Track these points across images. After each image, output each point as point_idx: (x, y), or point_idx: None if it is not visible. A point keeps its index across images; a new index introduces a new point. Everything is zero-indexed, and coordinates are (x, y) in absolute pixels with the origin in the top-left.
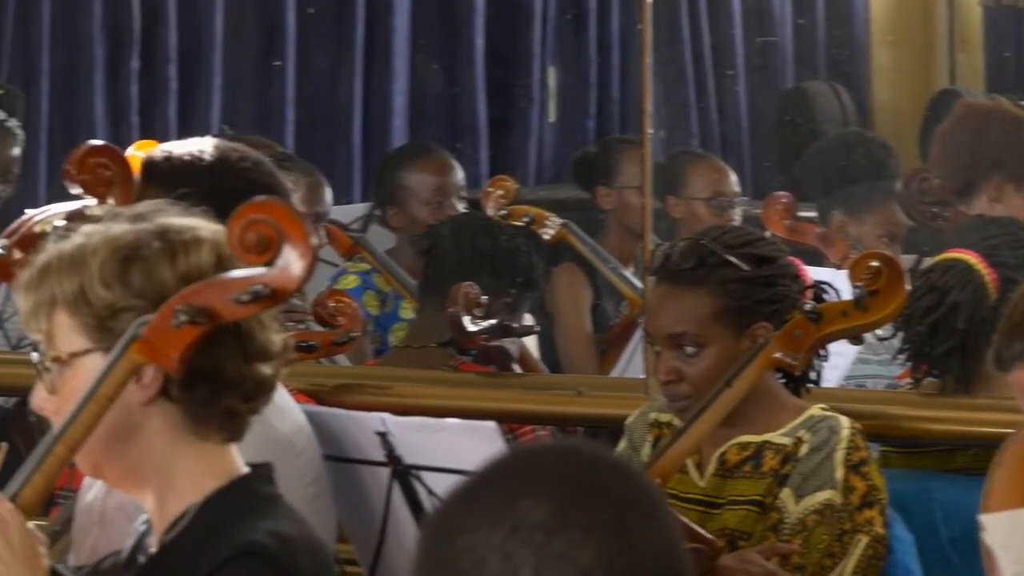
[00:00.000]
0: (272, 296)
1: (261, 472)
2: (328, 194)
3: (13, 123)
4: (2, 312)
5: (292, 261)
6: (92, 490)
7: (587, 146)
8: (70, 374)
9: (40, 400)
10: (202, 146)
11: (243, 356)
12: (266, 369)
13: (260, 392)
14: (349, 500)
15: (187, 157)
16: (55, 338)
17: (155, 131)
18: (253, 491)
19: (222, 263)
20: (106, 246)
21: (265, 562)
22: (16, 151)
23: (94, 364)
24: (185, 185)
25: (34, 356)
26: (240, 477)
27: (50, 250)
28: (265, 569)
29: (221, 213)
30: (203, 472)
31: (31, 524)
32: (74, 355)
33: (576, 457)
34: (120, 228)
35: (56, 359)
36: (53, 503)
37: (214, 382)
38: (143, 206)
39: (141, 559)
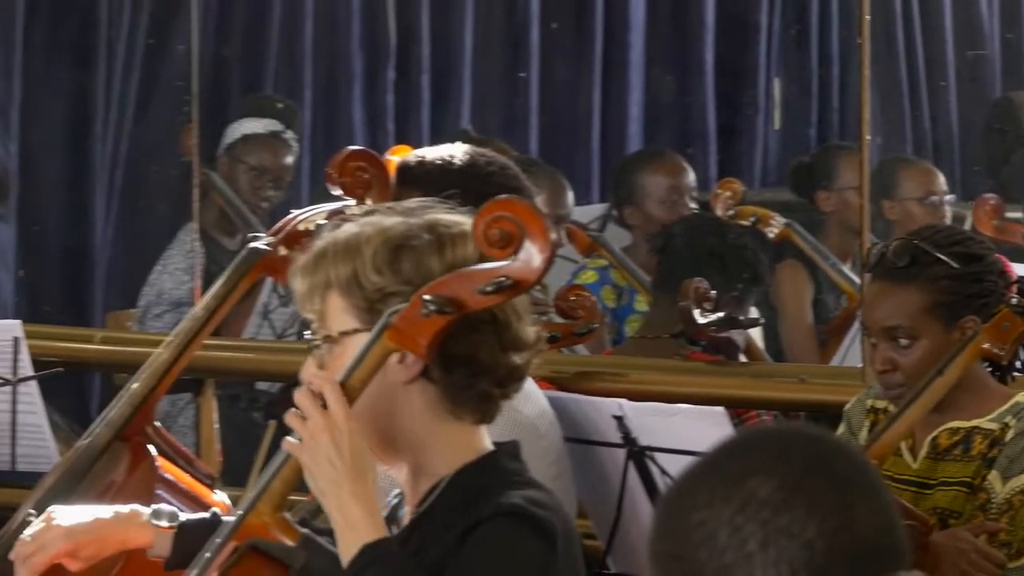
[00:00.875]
0: (514, 287)
1: (508, 449)
2: (569, 196)
3: (289, 135)
4: (267, 304)
5: (533, 255)
6: None
7: (808, 152)
8: (339, 351)
9: (311, 375)
10: (452, 151)
11: (499, 345)
12: (519, 358)
13: (512, 379)
14: (588, 479)
15: (438, 161)
16: (327, 318)
17: (409, 138)
18: (502, 466)
19: (485, 261)
20: (379, 235)
21: (525, 521)
22: (289, 160)
23: (361, 343)
24: (437, 187)
25: (306, 334)
26: (489, 453)
27: (326, 237)
28: (525, 527)
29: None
30: (455, 448)
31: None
32: (344, 334)
33: (800, 439)
34: (392, 220)
35: (327, 337)
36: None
37: (471, 367)
38: (413, 202)
39: (394, 530)
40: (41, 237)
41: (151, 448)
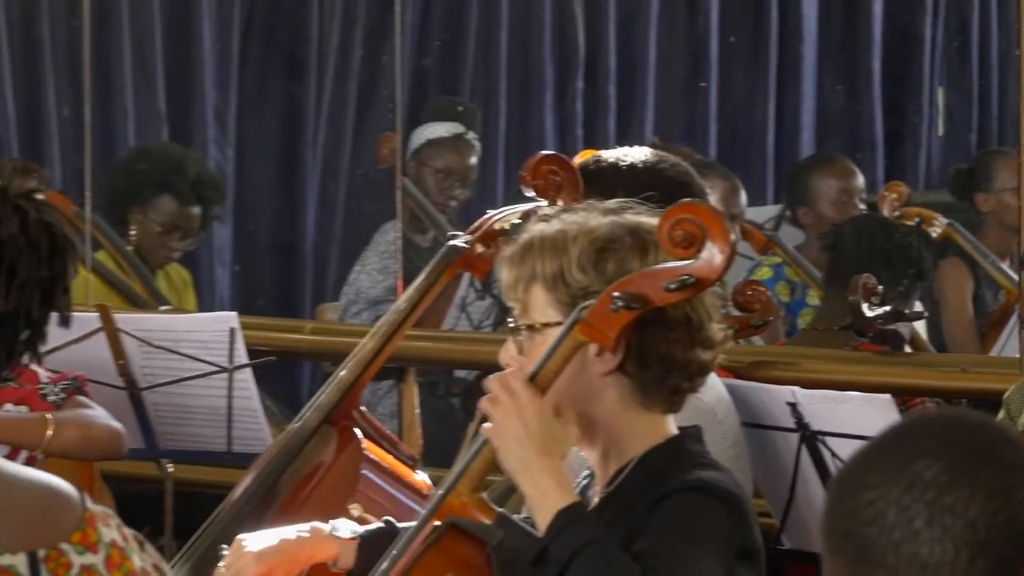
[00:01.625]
0: (696, 285)
1: (692, 433)
2: (743, 197)
3: (471, 136)
4: (465, 297)
5: (714, 254)
6: None
7: (969, 156)
8: (539, 340)
9: (509, 357)
10: (633, 154)
11: (690, 343)
12: (707, 355)
13: (700, 374)
14: (763, 461)
15: (621, 164)
16: (530, 308)
17: (596, 143)
18: (686, 448)
19: (669, 260)
20: (585, 236)
21: (712, 495)
22: (473, 160)
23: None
24: (618, 189)
25: (509, 321)
26: (675, 436)
27: (533, 231)
28: (712, 500)
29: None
30: (644, 434)
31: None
32: (546, 325)
33: (963, 425)
34: (596, 221)
35: (529, 326)
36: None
37: (665, 364)
38: (614, 203)
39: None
40: (255, 236)
41: (357, 431)
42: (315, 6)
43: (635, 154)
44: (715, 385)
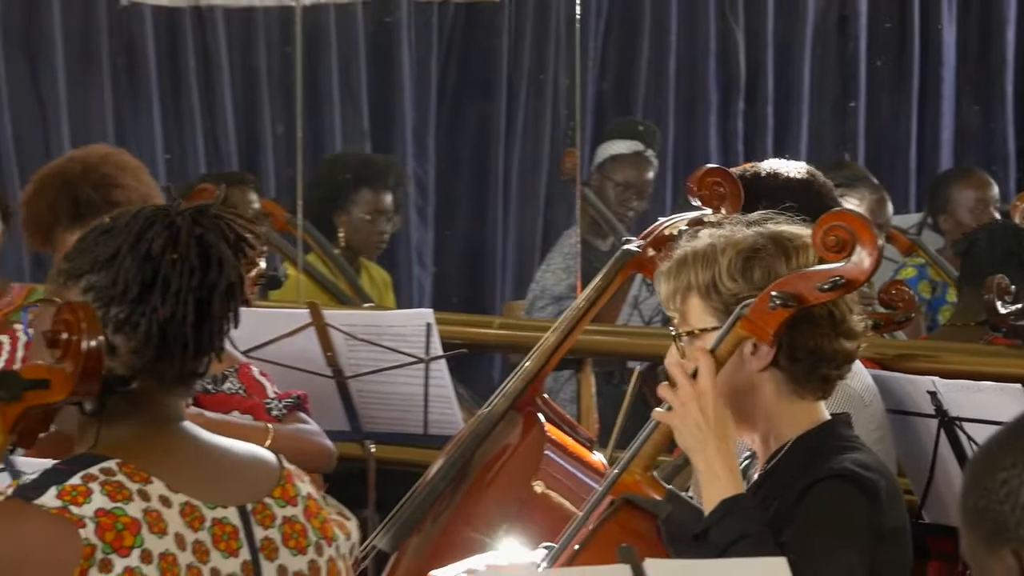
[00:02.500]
0: (847, 285)
1: (842, 418)
2: (890, 207)
3: (650, 153)
4: (637, 296)
5: (863, 258)
6: None
7: None
8: (698, 344)
9: (673, 360)
10: (788, 167)
11: (835, 335)
12: (851, 345)
13: (846, 362)
14: (905, 444)
15: (777, 177)
16: (688, 316)
17: (756, 158)
18: (836, 433)
19: (822, 263)
20: (732, 247)
21: (852, 483)
22: (650, 175)
23: (715, 337)
24: (774, 199)
25: (671, 329)
26: (827, 422)
27: (685, 247)
28: (852, 488)
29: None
30: (799, 420)
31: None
32: (703, 330)
33: None
34: (741, 233)
35: (689, 332)
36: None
37: (814, 355)
38: (756, 215)
39: (745, 485)
40: (451, 240)
41: (540, 416)
42: (505, 35)
43: (794, 171)
44: (862, 374)
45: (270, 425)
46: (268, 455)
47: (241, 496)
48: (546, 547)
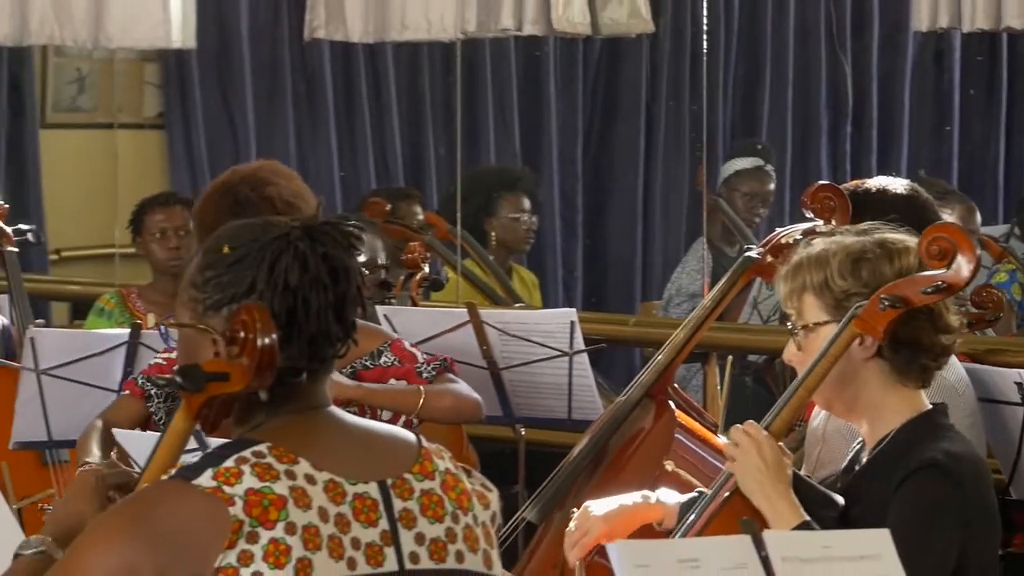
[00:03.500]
0: (947, 289)
1: (939, 408)
2: (978, 217)
3: (769, 168)
4: (756, 297)
5: (963, 265)
6: (818, 418)
7: None
8: (813, 338)
9: (790, 355)
10: (893, 184)
11: (933, 330)
12: (947, 339)
13: (943, 355)
14: (994, 429)
15: (883, 192)
16: (803, 313)
17: (861, 176)
18: (934, 422)
19: (922, 266)
20: (843, 251)
21: (940, 473)
22: (771, 186)
23: (829, 331)
24: (880, 212)
25: (788, 325)
26: (926, 411)
27: (801, 252)
28: (940, 477)
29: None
30: (901, 408)
31: (779, 444)
32: (817, 325)
33: None
34: (850, 239)
35: (804, 327)
36: (791, 430)
37: (914, 348)
38: (864, 225)
39: (856, 468)
40: (593, 247)
41: (671, 403)
42: (644, 68)
43: (898, 187)
44: (956, 367)
45: (421, 387)
46: (408, 435)
47: (381, 472)
48: (699, 492)
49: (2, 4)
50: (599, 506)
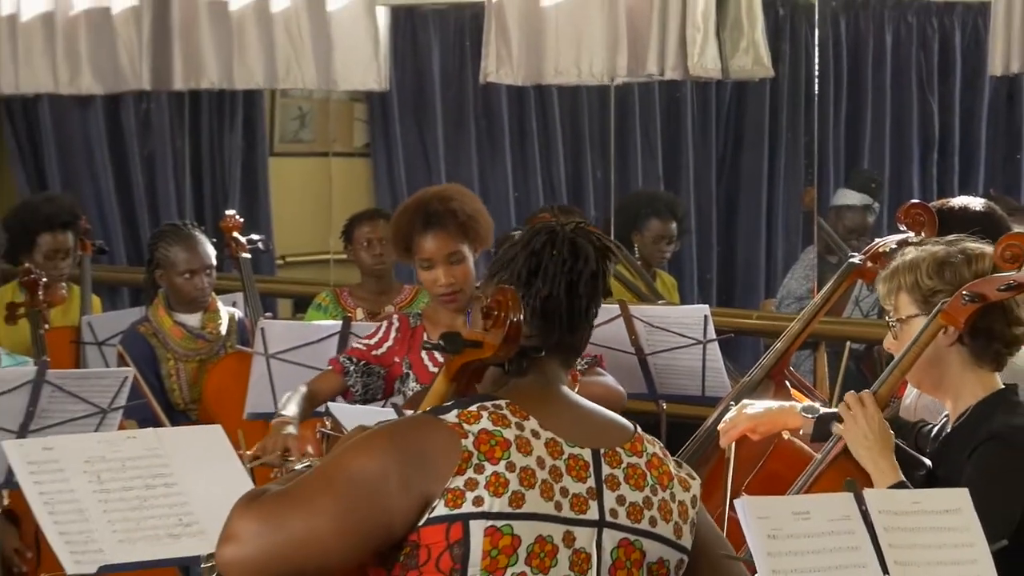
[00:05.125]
0: (1018, 287)
1: (1012, 388)
2: None
3: (875, 205)
4: (858, 296)
5: None
6: (909, 396)
7: None
8: (906, 329)
9: (888, 343)
10: (972, 202)
11: (1006, 322)
12: (1019, 329)
13: (1015, 343)
14: None
15: (965, 209)
16: (899, 308)
17: (947, 196)
18: (1006, 399)
19: (996, 269)
20: (930, 256)
21: (1003, 443)
22: (871, 220)
23: (918, 323)
24: (962, 226)
25: (887, 319)
26: (999, 391)
27: (896, 259)
28: (1003, 447)
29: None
30: (978, 387)
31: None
32: (909, 318)
33: None
34: (937, 247)
35: (899, 320)
36: (887, 405)
37: (989, 336)
38: (949, 237)
39: (941, 436)
40: (723, 256)
41: (787, 383)
42: (766, 104)
43: (978, 205)
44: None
45: (577, 377)
46: (627, 422)
47: (596, 441)
48: (832, 411)
49: (256, 56)
50: (752, 407)
